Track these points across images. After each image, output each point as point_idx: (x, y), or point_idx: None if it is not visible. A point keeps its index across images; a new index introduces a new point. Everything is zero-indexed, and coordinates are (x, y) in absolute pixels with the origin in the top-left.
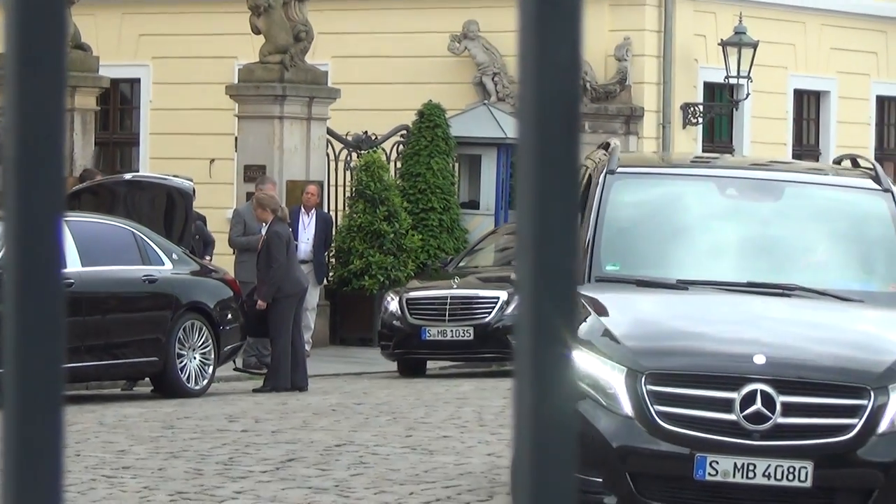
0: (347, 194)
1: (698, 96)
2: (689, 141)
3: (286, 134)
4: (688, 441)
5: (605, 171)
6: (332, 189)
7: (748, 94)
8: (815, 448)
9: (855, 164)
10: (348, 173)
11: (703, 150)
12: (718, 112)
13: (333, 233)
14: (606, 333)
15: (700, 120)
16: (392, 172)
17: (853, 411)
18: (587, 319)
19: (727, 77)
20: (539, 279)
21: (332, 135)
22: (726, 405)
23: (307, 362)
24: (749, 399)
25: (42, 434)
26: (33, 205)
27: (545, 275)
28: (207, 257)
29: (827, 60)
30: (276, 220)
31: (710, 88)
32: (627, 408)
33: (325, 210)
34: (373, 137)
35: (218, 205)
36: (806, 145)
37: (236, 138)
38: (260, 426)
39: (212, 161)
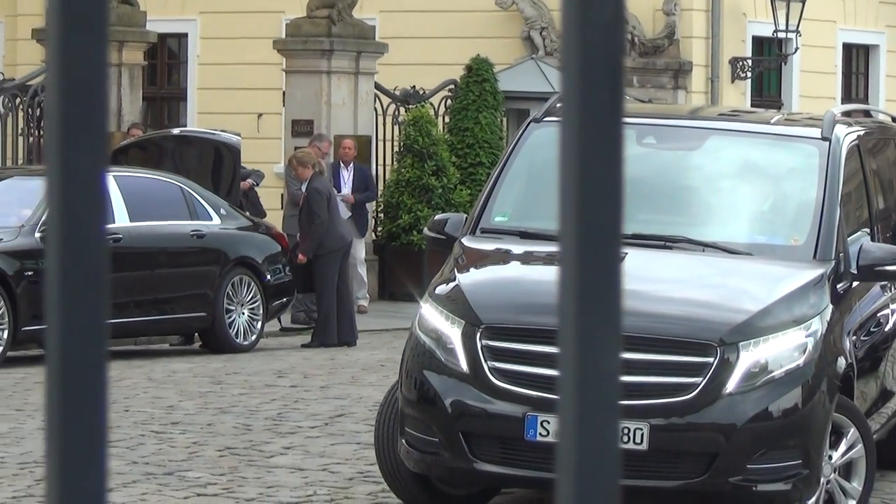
0: (395, 149)
1: (747, 51)
2: (737, 95)
3: (334, 88)
4: (520, 399)
5: (529, 119)
6: (381, 144)
7: (797, 49)
8: (650, 408)
9: (867, 115)
10: (396, 128)
11: (752, 105)
12: (767, 66)
13: (381, 186)
14: (456, 288)
15: (748, 74)
16: (440, 127)
17: (696, 369)
18: (454, 277)
19: (776, 31)
20: (582, 234)
21: (379, 89)
22: None
23: (365, 317)
24: None
25: (86, 391)
26: (76, 160)
27: (589, 230)
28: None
29: (876, 14)
30: (316, 176)
31: (758, 43)
32: (464, 364)
33: (374, 164)
34: (421, 92)
35: (265, 160)
36: (855, 99)
37: (284, 93)
38: (309, 381)
39: (259, 116)
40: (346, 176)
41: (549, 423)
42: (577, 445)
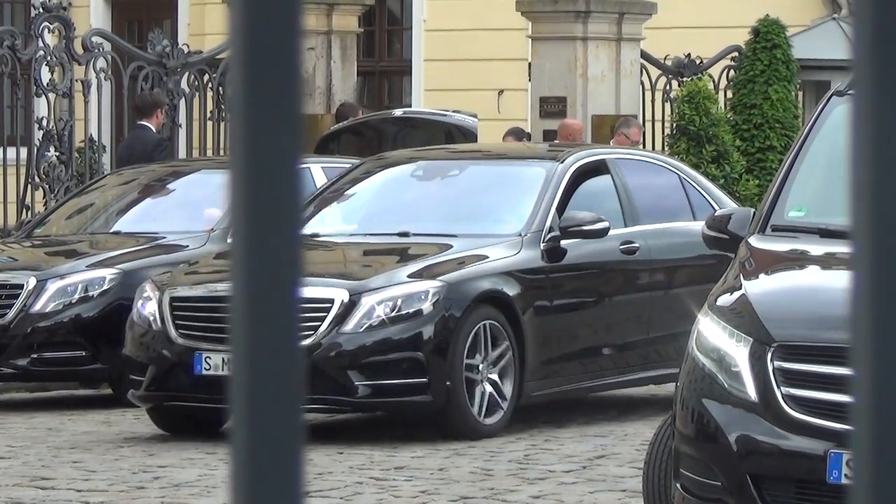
0: (667, 131)
1: None
2: None
3: (591, 59)
4: (821, 433)
5: (831, 93)
6: (649, 125)
7: None
8: None
9: None
10: (667, 105)
11: None
12: None
13: None
14: (743, 298)
15: None
16: (721, 104)
17: None
18: (739, 285)
19: None
20: (878, 231)
21: (647, 59)
22: None
23: None
24: None
25: (278, 424)
26: (265, 149)
27: (885, 225)
28: None
29: None
30: None
31: None
32: (752, 390)
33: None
34: (697, 62)
35: None
36: None
37: (530, 65)
38: (562, 416)
39: (500, 93)
40: None
41: None
42: (873, 487)
